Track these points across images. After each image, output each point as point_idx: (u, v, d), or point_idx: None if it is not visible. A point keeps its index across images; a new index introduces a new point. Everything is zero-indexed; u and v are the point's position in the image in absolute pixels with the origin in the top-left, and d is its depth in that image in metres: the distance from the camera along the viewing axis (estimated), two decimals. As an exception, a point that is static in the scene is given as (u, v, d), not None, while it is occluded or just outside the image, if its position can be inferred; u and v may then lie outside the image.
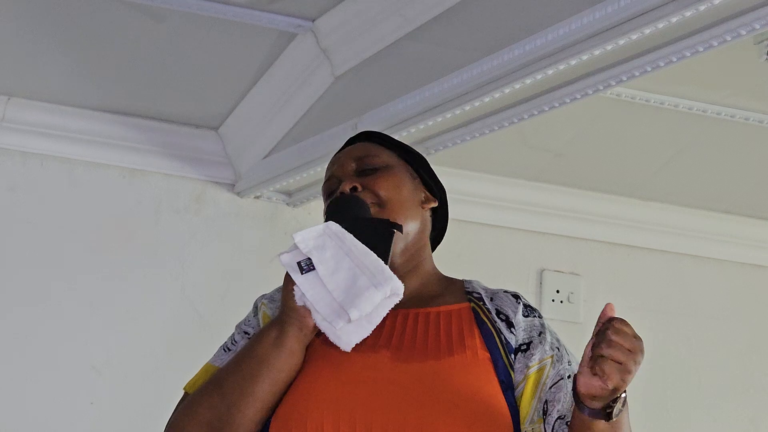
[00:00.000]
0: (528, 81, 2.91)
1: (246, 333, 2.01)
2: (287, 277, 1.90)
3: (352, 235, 1.90)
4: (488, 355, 1.94)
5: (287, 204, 4.02)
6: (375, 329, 1.90)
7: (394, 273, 1.89)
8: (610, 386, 1.73)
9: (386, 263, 1.89)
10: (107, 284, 3.81)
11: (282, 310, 1.90)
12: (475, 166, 4.08)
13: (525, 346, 1.98)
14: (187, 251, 3.91)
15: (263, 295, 2.06)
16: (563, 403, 1.92)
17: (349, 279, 1.85)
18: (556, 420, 1.91)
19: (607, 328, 1.76)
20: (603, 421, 1.78)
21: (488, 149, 3.89)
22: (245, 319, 2.04)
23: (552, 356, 1.98)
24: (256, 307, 2.04)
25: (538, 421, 1.92)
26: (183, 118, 3.92)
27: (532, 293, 4.26)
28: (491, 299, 2.03)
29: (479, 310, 2.01)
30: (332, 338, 1.85)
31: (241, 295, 2.55)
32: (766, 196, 4.30)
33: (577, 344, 3.68)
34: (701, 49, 2.69)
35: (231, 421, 1.85)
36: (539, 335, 2.00)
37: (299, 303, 1.87)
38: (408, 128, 3.28)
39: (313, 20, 3.40)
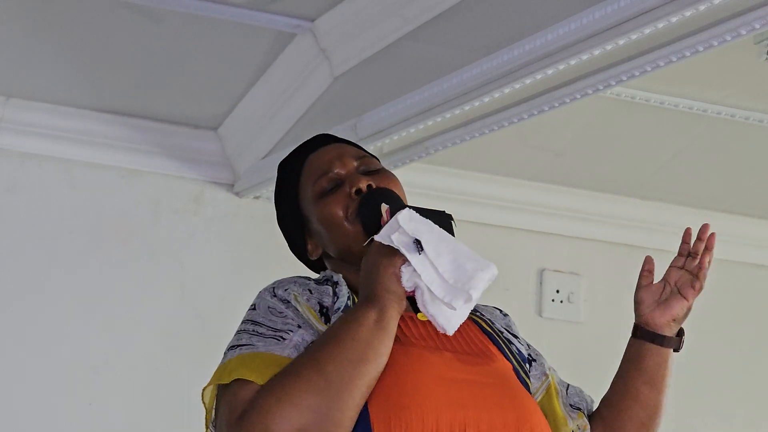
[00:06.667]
0: (528, 81, 2.91)
1: (291, 324, 1.89)
2: (384, 259, 1.84)
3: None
4: (510, 364, 1.96)
5: (287, 204, 4.00)
6: (412, 332, 1.89)
7: None
8: (692, 300, 2.09)
9: None
10: (106, 285, 3.81)
11: (377, 292, 1.83)
12: (475, 166, 4.08)
13: (531, 356, 2.06)
14: (186, 251, 3.91)
15: (278, 287, 1.94)
16: (586, 401, 2.10)
17: (452, 261, 1.83)
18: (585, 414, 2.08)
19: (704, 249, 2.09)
20: (672, 351, 2.10)
21: (488, 149, 3.89)
22: (273, 311, 1.91)
23: (551, 367, 2.09)
24: (284, 300, 1.92)
25: (579, 417, 2.05)
26: (182, 119, 3.91)
27: (532, 293, 4.26)
28: (481, 312, 2.07)
29: (480, 321, 2.02)
30: (441, 320, 1.82)
31: (240, 295, 2.54)
32: (766, 196, 4.30)
33: (577, 344, 3.68)
34: (701, 49, 2.69)
35: (340, 405, 1.77)
36: (529, 347, 2.09)
37: (407, 285, 1.83)
38: (408, 128, 3.28)
39: (313, 20, 3.39)
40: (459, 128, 3.35)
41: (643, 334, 2.09)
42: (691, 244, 2.11)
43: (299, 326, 1.89)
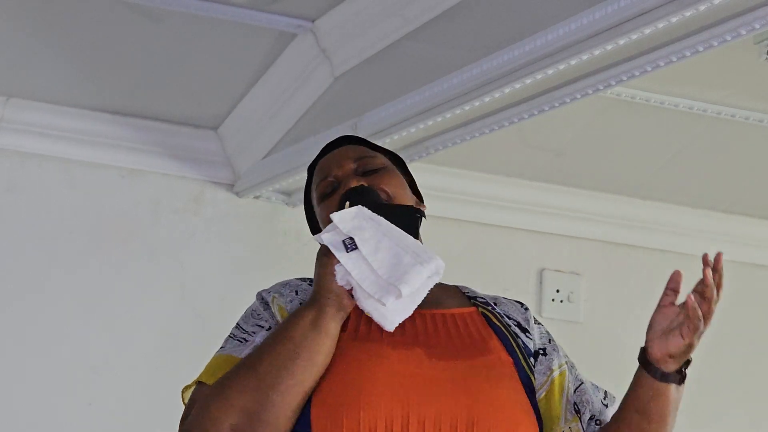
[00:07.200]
0: (528, 81, 2.91)
1: (260, 326, 1.94)
2: (323, 258, 1.86)
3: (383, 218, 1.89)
4: (510, 359, 1.95)
5: (286, 204, 4.01)
6: (398, 328, 1.88)
7: None
8: (691, 340, 1.87)
9: None
10: (106, 285, 3.81)
11: (318, 292, 1.85)
12: (475, 166, 4.07)
13: (542, 351, 2.03)
14: (186, 251, 3.91)
15: (266, 290, 2.01)
16: (593, 404, 2.00)
17: (393, 257, 1.83)
18: (589, 419, 1.98)
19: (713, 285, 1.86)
20: (673, 385, 1.88)
21: (488, 149, 3.89)
22: (253, 314, 1.98)
23: (566, 362, 2.04)
24: (265, 302, 1.98)
25: (573, 420, 1.98)
26: (182, 119, 3.91)
27: (532, 293, 4.26)
28: (495, 304, 2.05)
29: (489, 314, 2.01)
30: (377, 317, 1.82)
31: (240, 295, 2.54)
32: (766, 196, 4.30)
33: (577, 344, 3.69)
34: (701, 49, 2.69)
35: (270, 405, 1.79)
36: (549, 342, 2.06)
37: (341, 283, 1.84)
38: (408, 128, 3.28)
39: (313, 20, 3.40)
40: (459, 128, 3.35)
41: (640, 360, 1.90)
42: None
43: (269, 328, 1.93)
